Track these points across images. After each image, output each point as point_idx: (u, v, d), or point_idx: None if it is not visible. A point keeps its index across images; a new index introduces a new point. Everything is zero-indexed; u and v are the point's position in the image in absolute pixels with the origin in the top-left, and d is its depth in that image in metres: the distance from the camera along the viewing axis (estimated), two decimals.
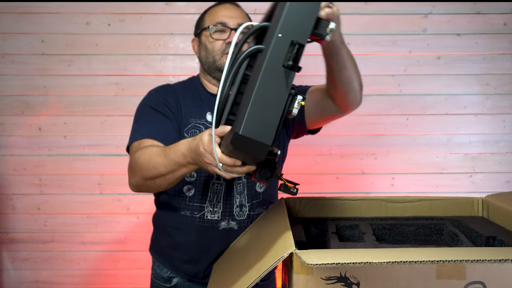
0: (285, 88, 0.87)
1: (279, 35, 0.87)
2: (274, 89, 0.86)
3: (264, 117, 0.85)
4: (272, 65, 0.86)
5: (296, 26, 0.88)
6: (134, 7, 2.24)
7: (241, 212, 1.34)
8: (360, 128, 2.31)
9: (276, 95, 0.86)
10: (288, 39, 0.88)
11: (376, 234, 1.19)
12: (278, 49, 0.87)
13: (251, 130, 0.84)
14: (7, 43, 2.25)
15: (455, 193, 2.29)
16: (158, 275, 1.42)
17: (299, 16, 0.89)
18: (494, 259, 0.78)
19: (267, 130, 0.85)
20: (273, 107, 0.86)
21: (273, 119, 0.85)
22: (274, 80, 0.86)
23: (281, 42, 0.87)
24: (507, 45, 2.28)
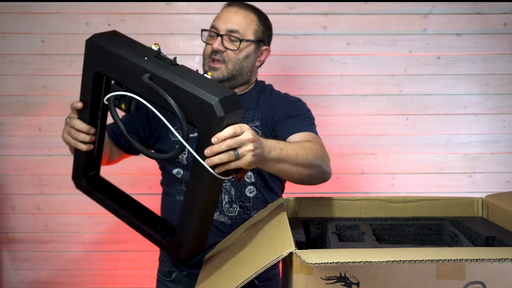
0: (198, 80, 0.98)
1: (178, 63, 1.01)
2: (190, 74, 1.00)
3: (212, 85, 0.97)
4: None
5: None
6: (134, 7, 2.24)
7: (231, 209, 1.35)
8: (360, 128, 2.31)
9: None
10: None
11: (376, 234, 1.19)
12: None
13: (216, 93, 0.94)
14: (7, 43, 2.25)
15: (455, 193, 2.29)
16: (161, 269, 1.49)
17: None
18: (494, 258, 0.78)
19: (222, 88, 1.00)
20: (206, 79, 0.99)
21: (214, 82, 1.00)
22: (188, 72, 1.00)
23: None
24: (507, 45, 2.28)
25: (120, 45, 1.04)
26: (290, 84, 2.26)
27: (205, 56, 1.39)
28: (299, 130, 1.33)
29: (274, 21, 2.27)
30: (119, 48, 1.04)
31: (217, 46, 1.35)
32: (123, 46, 1.05)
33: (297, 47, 2.27)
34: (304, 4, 2.25)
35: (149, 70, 0.98)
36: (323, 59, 2.28)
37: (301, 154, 1.15)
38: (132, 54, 1.01)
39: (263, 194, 1.40)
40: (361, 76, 2.29)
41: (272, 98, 1.45)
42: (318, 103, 2.28)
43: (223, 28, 1.36)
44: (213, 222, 1.34)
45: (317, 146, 1.23)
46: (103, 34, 1.09)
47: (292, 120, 1.37)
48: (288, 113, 1.39)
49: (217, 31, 1.37)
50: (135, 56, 1.01)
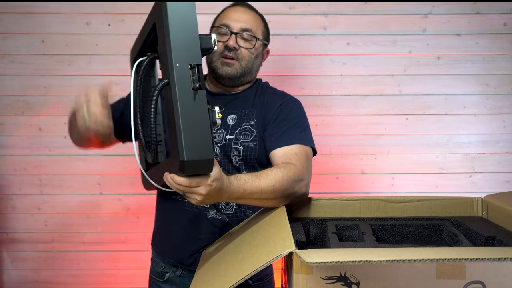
0: (203, 106, 0.97)
1: (177, 64, 0.96)
2: (195, 111, 0.96)
3: (198, 137, 0.95)
4: (184, 92, 0.96)
5: (187, 51, 0.97)
6: (134, 7, 2.24)
7: (228, 207, 1.36)
8: (360, 128, 2.31)
9: (198, 115, 0.96)
10: (186, 65, 0.97)
11: (376, 234, 1.19)
12: (182, 77, 0.96)
13: (193, 153, 0.94)
14: (7, 43, 2.25)
15: (455, 193, 2.29)
16: (154, 270, 1.49)
17: (185, 42, 0.97)
18: (494, 258, 0.78)
19: (206, 146, 0.95)
20: (201, 125, 0.95)
21: (206, 135, 0.95)
22: (191, 103, 0.96)
23: (181, 70, 0.96)
24: (507, 45, 2.28)
25: (179, 26, 0.99)
26: (290, 84, 2.26)
27: (215, 53, 1.38)
28: (286, 143, 1.30)
29: (274, 21, 2.29)
30: (175, 29, 1.00)
31: (233, 44, 1.35)
32: (180, 29, 1.00)
33: (297, 47, 2.27)
34: (304, 4, 2.25)
35: (170, 78, 0.98)
36: (323, 59, 2.28)
37: (266, 189, 1.14)
38: (176, 46, 0.98)
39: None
40: (361, 76, 2.29)
41: (266, 96, 1.44)
42: (318, 103, 2.28)
43: (236, 27, 1.36)
44: (210, 219, 1.35)
45: (293, 171, 1.20)
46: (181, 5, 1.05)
47: (282, 126, 1.34)
48: (280, 116, 1.37)
49: (229, 29, 1.36)
50: (174, 53, 0.98)
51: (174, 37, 0.97)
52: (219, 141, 1.36)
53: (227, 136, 1.36)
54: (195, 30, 0.99)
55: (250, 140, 1.36)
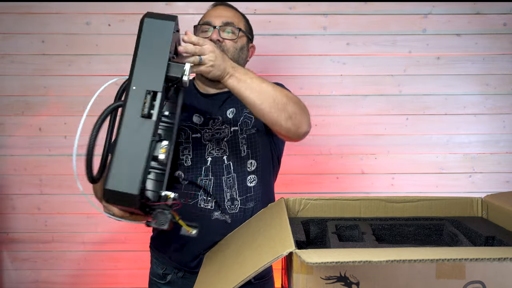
0: (146, 136, 0.90)
1: (133, 87, 0.91)
2: (135, 139, 0.90)
3: (128, 168, 0.89)
4: (130, 117, 0.90)
5: (148, 76, 0.91)
6: (134, 7, 2.24)
7: (233, 206, 1.36)
8: (360, 128, 2.31)
9: (137, 145, 0.90)
10: (143, 90, 0.91)
11: (376, 234, 1.19)
12: (135, 101, 0.90)
13: (116, 182, 0.89)
14: (7, 43, 2.25)
15: (455, 193, 2.29)
16: (155, 272, 1.48)
17: (150, 65, 0.92)
18: (494, 258, 0.78)
19: (132, 179, 0.89)
20: (136, 157, 0.89)
21: (136, 169, 0.89)
22: (134, 131, 0.90)
23: (136, 93, 0.91)
24: (507, 45, 2.28)
25: (149, 47, 0.95)
26: (290, 84, 2.25)
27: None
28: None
29: (274, 21, 2.29)
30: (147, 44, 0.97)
31: (216, 36, 1.37)
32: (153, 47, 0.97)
33: (297, 47, 2.27)
34: (304, 4, 2.25)
35: (124, 100, 0.94)
36: (323, 59, 2.28)
37: (269, 86, 1.20)
38: (139, 68, 0.94)
39: (261, 184, 1.41)
40: (361, 76, 2.29)
41: None
42: (318, 103, 2.28)
43: (218, 21, 1.39)
44: (214, 221, 1.35)
45: (292, 95, 1.26)
46: (164, 17, 1.04)
47: None
48: None
49: (211, 24, 1.38)
50: (135, 75, 0.94)
51: (141, 58, 0.93)
52: (224, 136, 1.37)
53: (232, 128, 1.38)
54: (165, 54, 0.93)
55: (251, 127, 1.40)
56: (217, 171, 1.37)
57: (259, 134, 1.41)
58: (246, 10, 2.21)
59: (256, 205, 1.39)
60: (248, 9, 2.22)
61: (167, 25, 0.94)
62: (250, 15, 1.49)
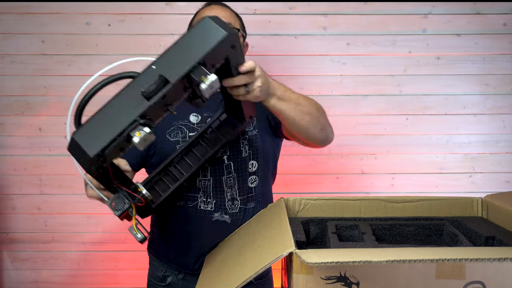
0: (132, 113, 0.88)
1: (152, 66, 0.91)
2: (122, 110, 0.88)
3: (99, 130, 0.88)
4: (132, 89, 0.90)
5: (171, 64, 0.90)
6: (134, 7, 2.24)
7: (233, 206, 1.36)
8: (360, 128, 2.31)
9: (120, 115, 0.88)
10: (159, 72, 0.90)
11: (376, 234, 1.19)
12: (146, 78, 0.89)
13: (82, 136, 0.88)
14: (7, 43, 2.25)
15: (455, 193, 2.29)
16: (154, 274, 1.46)
17: (179, 57, 0.91)
18: (494, 258, 0.78)
19: (96, 142, 0.87)
20: (112, 125, 0.88)
21: (106, 135, 0.87)
22: (126, 102, 0.89)
23: (152, 73, 0.90)
24: (507, 45, 2.28)
25: (191, 42, 0.93)
26: (290, 84, 2.25)
27: None
28: None
29: (274, 21, 2.29)
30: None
31: None
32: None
33: (297, 47, 2.27)
34: (304, 4, 2.25)
35: (138, 74, 0.94)
36: (323, 59, 2.28)
37: (303, 99, 1.22)
38: (170, 53, 0.93)
39: (262, 185, 1.41)
40: (361, 76, 2.29)
41: None
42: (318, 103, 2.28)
43: None
44: (215, 222, 1.35)
45: (319, 105, 1.30)
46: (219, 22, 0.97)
47: None
48: None
49: None
50: (162, 57, 0.94)
51: (177, 47, 0.92)
52: None
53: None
54: (199, 55, 0.90)
55: (252, 128, 1.40)
56: (217, 171, 1.36)
57: (261, 136, 1.41)
58: (246, 10, 2.21)
59: (257, 206, 1.40)
60: (248, 9, 2.22)
61: (219, 32, 0.91)
62: (250, 15, 1.49)
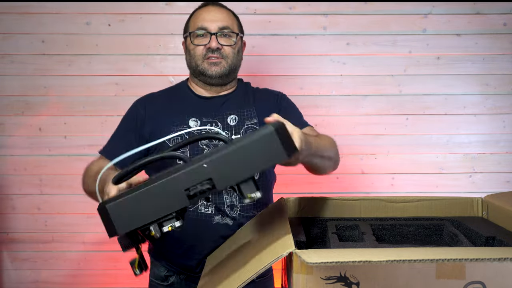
0: (171, 206, 0.87)
1: (204, 165, 0.86)
2: (162, 199, 0.87)
3: (135, 213, 0.88)
4: (179, 181, 0.86)
5: (224, 170, 0.86)
6: (134, 7, 2.24)
7: (232, 211, 1.36)
8: (360, 128, 2.31)
9: (159, 204, 0.87)
10: (208, 175, 0.86)
11: (376, 234, 1.19)
12: (194, 175, 0.86)
13: (116, 211, 0.88)
14: (7, 43, 2.25)
15: (455, 193, 2.29)
16: (156, 274, 1.46)
17: (235, 164, 0.86)
18: (494, 258, 0.78)
19: (127, 223, 0.88)
20: (147, 212, 0.88)
21: (138, 220, 0.88)
22: (168, 192, 0.87)
23: (201, 170, 0.86)
24: (507, 45, 2.28)
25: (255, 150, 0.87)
26: (290, 84, 2.26)
27: (197, 57, 1.39)
28: (301, 127, 1.34)
29: (274, 21, 2.29)
30: None
31: (216, 45, 1.36)
32: None
33: (297, 47, 2.27)
34: (304, 4, 2.25)
35: (188, 161, 0.90)
36: (323, 59, 2.28)
37: (327, 146, 1.23)
38: (232, 158, 0.87)
39: (264, 193, 1.40)
40: (361, 76, 2.29)
41: (260, 94, 1.49)
42: (318, 103, 2.28)
43: (214, 27, 1.37)
44: (215, 225, 1.35)
45: (333, 140, 1.32)
46: None
47: (288, 114, 1.38)
48: (281, 108, 1.44)
49: (207, 30, 1.37)
50: (219, 159, 0.88)
51: (234, 152, 0.85)
52: None
53: (234, 136, 1.36)
54: (253, 172, 0.86)
55: None
56: None
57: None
58: (246, 10, 2.21)
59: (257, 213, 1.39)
60: (248, 9, 2.22)
61: (281, 155, 0.86)
62: (250, 15, 1.49)
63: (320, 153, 1.17)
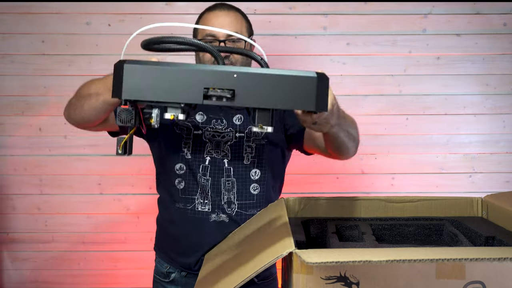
0: (184, 95, 0.85)
1: (235, 75, 0.84)
2: (178, 83, 0.85)
3: (148, 85, 0.85)
4: (203, 77, 0.84)
5: (252, 88, 0.84)
6: (134, 7, 2.24)
7: (229, 209, 1.37)
8: (360, 128, 2.29)
9: (174, 88, 0.85)
10: (233, 86, 0.84)
11: (376, 234, 1.19)
12: (221, 78, 0.84)
13: (132, 75, 0.87)
14: (7, 43, 2.25)
15: (455, 193, 2.29)
16: (159, 271, 1.48)
17: (263, 90, 0.84)
18: (494, 257, 0.78)
19: (137, 91, 0.86)
20: (161, 90, 0.85)
21: (148, 93, 0.86)
22: (188, 83, 0.85)
23: (229, 76, 0.84)
24: (507, 45, 2.28)
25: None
26: None
27: (205, 63, 1.39)
28: None
29: (274, 21, 2.29)
30: None
31: (224, 53, 1.35)
32: None
33: (297, 47, 2.27)
34: (304, 4, 2.25)
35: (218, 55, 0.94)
36: (323, 59, 2.28)
37: (351, 124, 1.25)
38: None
39: (265, 193, 1.41)
40: (361, 76, 2.29)
41: None
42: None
43: (222, 34, 1.36)
44: (212, 223, 1.37)
45: (353, 119, 1.31)
46: None
47: (294, 114, 1.39)
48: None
49: (215, 38, 1.36)
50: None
51: (273, 77, 0.84)
52: (228, 140, 1.37)
53: (237, 134, 1.38)
54: (279, 107, 0.85)
55: (261, 137, 1.39)
56: (216, 172, 1.37)
57: (270, 146, 1.40)
58: (246, 10, 2.20)
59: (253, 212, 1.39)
60: (248, 9, 2.21)
61: (310, 103, 0.86)
62: (250, 15, 1.48)
63: (346, 127, 1.19)
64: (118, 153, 1.01)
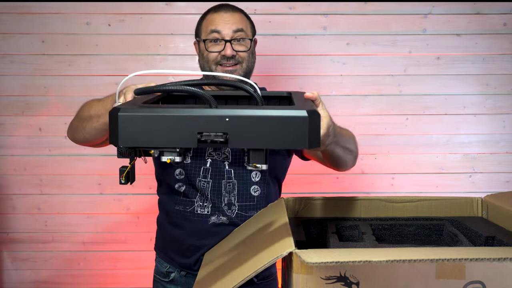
0: (179, 141, 0.85)
1: (227, 119, 0.84)
2: (174, 131, 0.85)
3: (143, 133, 0.85)
4: (196, 122, 0.85)
5: (243, 130, 0.84)
6: (134, 7, 2.24)
7: (230, 210, 1.37)
8: (360, 128, 2.31)
9: (169, 135, 0.85)
10: (226, 129, 0.84)
11: (376, 234, 1.19)
12: (213, 122, 0.84)
13: (126, 124, 0.85)
14: (7, 43, 2.25)
15: (455, 193, 2.29)
16: (159, 270, 1.49)
17: (257, 128, 0.85)
18: (494, 258, 0.78)
19: (133, 139, 0.86)
20: (156, 137, 0.85)
21: (144, 141, 0.85)
22: (182, 129, 0.85)
23: (221, 122, 0.84)
24: (507, 45, 2.28)
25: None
26: (290, 84, 2.26)
27: (211, 62, 1.38)
28: None
29: (274, 21, 2.29)
30: None
31: (231, 52, 1.35)
32: None
33: (297, 47, 2.27)
34: (304, 4, 2.25)
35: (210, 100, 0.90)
36: (323, 59, 2.28)
37: (348, 139, 1.25)
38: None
39: (266, 194, 1.41)
40: (361, 76, 2.29)
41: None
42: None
43: (228, 33, 1.36)
44: (211, 225, 1.37)
45: (350, 132, 1.32)
46: None
47: None
48: None
49: (221, 36, 1.36)
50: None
51: (262, 118, 0.84)
52: None
53: None
54: (271, 147, 0.86)
55: None
56: (217, 174, 1.37)
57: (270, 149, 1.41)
58: (246, 10, 2.19)
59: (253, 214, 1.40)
60: (248, 9, 2.20)
61: (303, 143, 0.86)
62: (250, 15, 1.49)
63: (343, 143, 1.19)
64: (121, 183, 1.03)
